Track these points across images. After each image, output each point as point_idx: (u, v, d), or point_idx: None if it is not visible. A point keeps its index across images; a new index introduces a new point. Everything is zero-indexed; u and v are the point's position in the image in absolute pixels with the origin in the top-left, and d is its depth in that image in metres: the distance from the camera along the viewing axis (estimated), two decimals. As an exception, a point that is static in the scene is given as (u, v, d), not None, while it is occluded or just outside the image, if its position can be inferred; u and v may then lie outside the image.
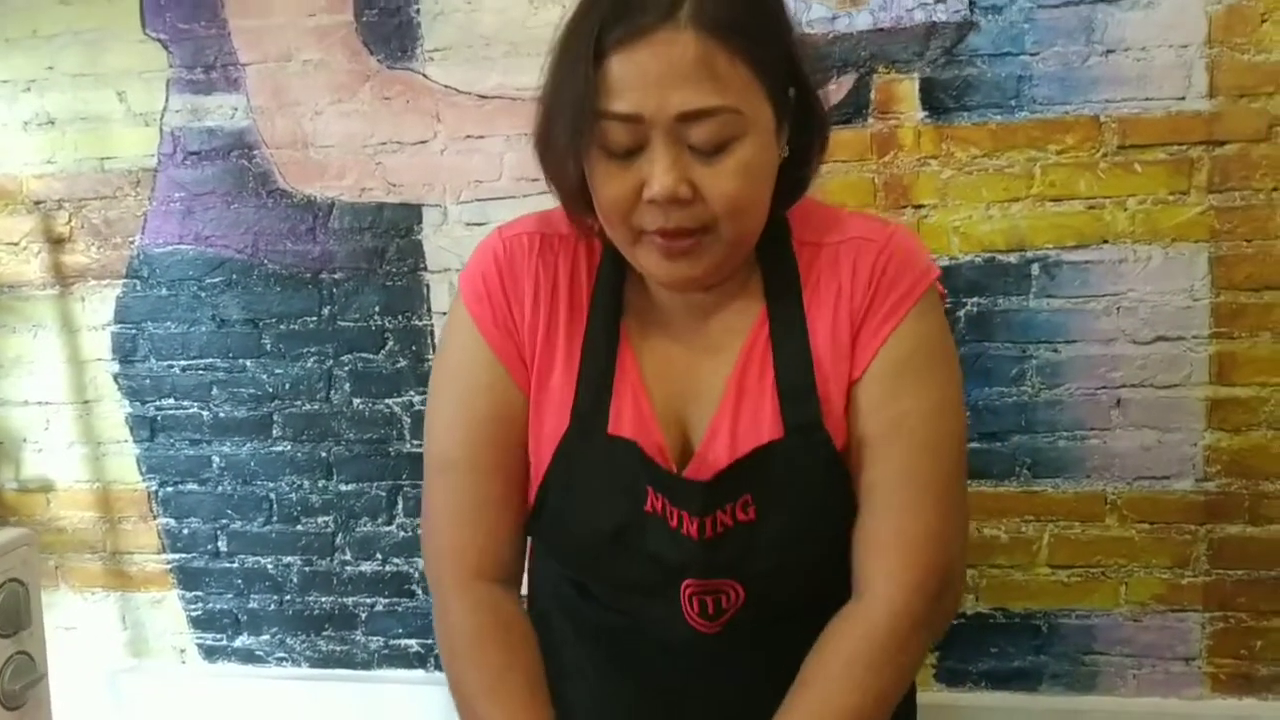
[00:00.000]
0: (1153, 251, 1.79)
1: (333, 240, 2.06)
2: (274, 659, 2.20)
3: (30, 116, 2.13)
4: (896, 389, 0.96)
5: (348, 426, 2.10)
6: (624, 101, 0.86)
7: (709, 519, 0.95)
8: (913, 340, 0.96)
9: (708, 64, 0.85)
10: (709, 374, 0.98)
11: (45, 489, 2.24)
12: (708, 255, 0.91)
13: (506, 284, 1.00)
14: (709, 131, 0.86)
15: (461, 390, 1.02)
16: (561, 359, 0.99)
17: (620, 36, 0.86)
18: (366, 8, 1.98)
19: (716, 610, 0.97)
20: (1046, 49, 1.78)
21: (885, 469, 0.96)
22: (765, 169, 0.91)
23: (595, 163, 0.90)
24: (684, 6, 0.85)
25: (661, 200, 0.87)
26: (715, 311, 1.00)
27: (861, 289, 0.96)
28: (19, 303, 2.19)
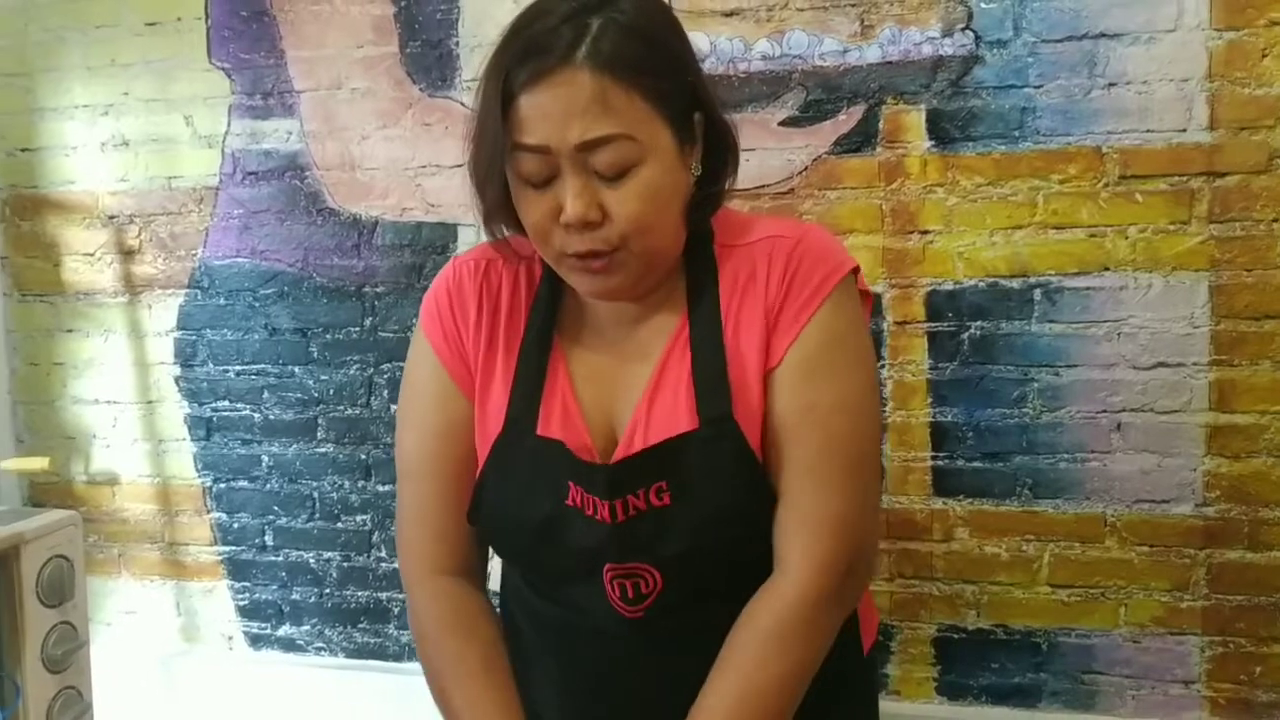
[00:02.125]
0: (1153, 279, 1.83)
1: (376, 256, 2.20)
2: (313, 648, 2.34)
3: (107, 138, 2.32)
4: (808, 379, 1.03)
5: (385, 431, 2.23)
6: (531, 135, 0.96)
7: (619, 502, 1.02)
8: (825, 333, 1.03)
9: (601, 98, 0.95)
10: (634, 376, 1.07)
11: (111, 482, 2.41)
12: (623, 271, 1.01)
13: (455, 305, 1.11)
14: (609, 158, 0.96)
15: (418, 405, 1.13)
16: (500, 370, 1.09)
17: (525, 79, 0.95)
18: (410, 40, 2.13)
19: (637, 595, 1.04)
20: (1050, 82, 1.84)
21: (798, 456, 1.03)
22: (667, 189, 1.00)
23: (517, 190, 1.00)
24: (580, 49, 0.95)
25: (574, 223, 0.97)
26: (642, 319, 1.09)
27: (776, 283, 1.04)
28: (93, 309, 2.38)
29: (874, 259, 1.93)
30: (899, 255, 1.92)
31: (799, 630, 1.02)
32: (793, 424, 1.03)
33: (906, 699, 2.01)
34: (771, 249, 1.06)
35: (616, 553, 1.04)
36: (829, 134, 1.94)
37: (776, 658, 1.01)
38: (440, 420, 1.11)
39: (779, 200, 1.96)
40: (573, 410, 1.07)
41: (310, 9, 2.16)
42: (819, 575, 1.02)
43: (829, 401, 1.03)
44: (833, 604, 1.04)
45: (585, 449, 1.05)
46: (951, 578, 1.97)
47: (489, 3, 2.07)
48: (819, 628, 1.03)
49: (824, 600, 1.03)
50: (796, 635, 1.02)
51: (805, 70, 1.93)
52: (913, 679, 2.01)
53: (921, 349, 1.94)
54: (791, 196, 1.96)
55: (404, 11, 2.12)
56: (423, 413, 1.12)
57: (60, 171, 2.36)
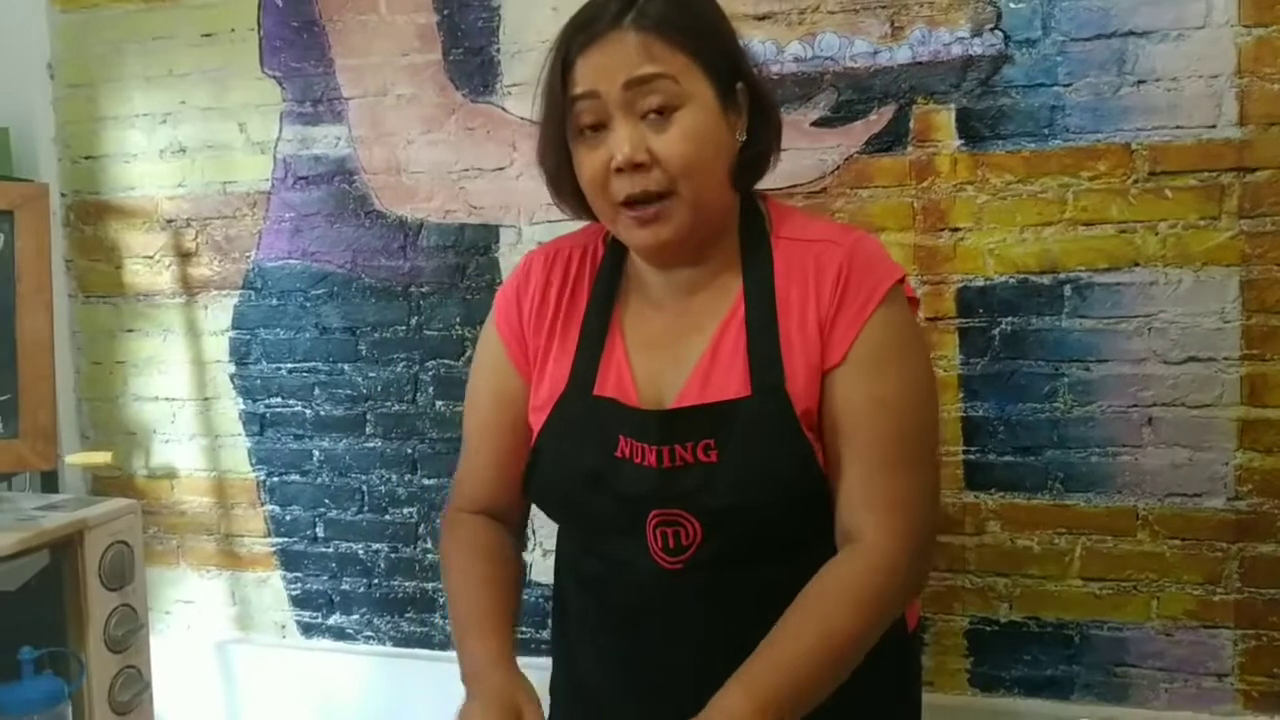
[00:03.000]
0: (1183, 275, 1.84)
1: (421, 257, 2.27)
2: (362, 637, 2.41)
3: (165, 145, 2.41)
4: (874, 374, 1.11)
5: (431, 426, 2.31)
6: (583, 84, 1.11)
7: (666, 449, 1.12)
8: (884, 333, 1.12)
9: (646, 49, 1.09)
10: (688, 345, 1.17)
11: (170, 476, 2.51)
12: (674, 219, 1.11)
13: (520, 294, 1.26)
14: (654, 99, 1.09)
15: (478, 378, 1.30)
16: (559, 343, 1.22)
17: (581, 43, 1.11)
18: (453, 48, 2.19)
19: (678, 545, 1.12)
20: (1079, 80, 1.86)
21: (868, 440, 1.11)
22: (712, 137, 1.12)
23: (576, 150, 1.14)
24: (628, 15, 1.10)
25: (625, 165, 1.09)
26: (697, 291, 1.19)
27: (829, 290, 1.13)
28: (152, 309, 2.47)
29: (905, 256, 1.96)
30: (930, 252, 1.95)
31: (876, 597, 1.09)
32: (859, 413, 1.11)
33: (940, 690, 2.03)
34: (826, 254, 1.15)
35: (660, 498, 1.12)
36: (860, 134, 1.97)
37: (853, 617, 1.08)
38: (496, 392, 1.26)
39: (812, 199, 1.99)
40: (625, 373, 1.17)
41: (358, 19, 2.24)
42: (896, 549, 1.10)
43: (896, 393, 1.12)
44: (905, 578, 1.12)
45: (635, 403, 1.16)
46: (984, 570, 2.00)
47: (529, 10, 2.13)
48: (891, 599, 1.11)
49: (899, 573, 1.11)
50: (873, 602, 1.09)
51: (837, 71, 1.97)
52: (946, 670, 2.03)
53: (953, 345, 1.96)
54: (824, 195, 2.00)
55: (447, 20, 2.19)
56: (481, 380, 1.29)
57: (121, 178, 2.46)
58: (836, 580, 1.10)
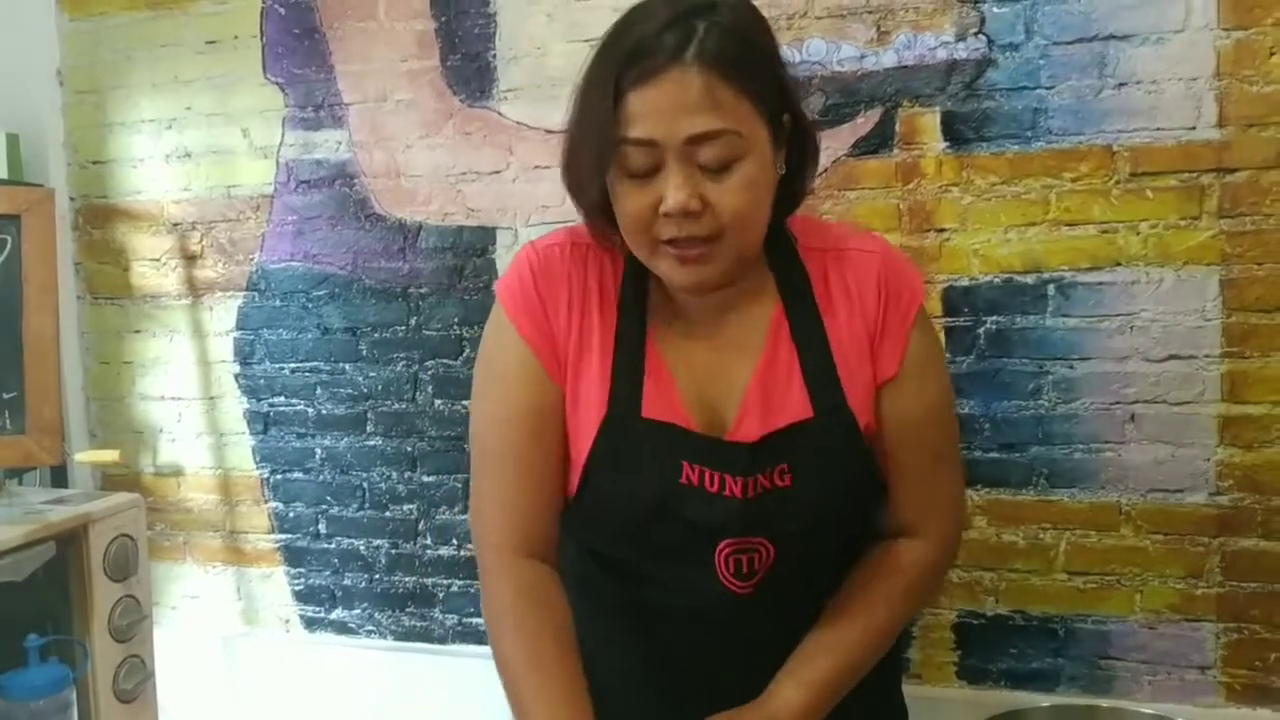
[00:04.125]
0: (1164, 274, 1.88)
1: (420, 259, 2.32)
2: (364, 631, 2.46)
3: (171, 150, 2.47)
4: (924, 384, 1.16)
5: (430, 424, 2.35)
6: (641, 129, 1.01)
7: (751, 480, 1.10)
8: (925, 342, 1.17)
9: (711, 95, 1.01)
10: (734, 365, 1.15)
11: (176, 474, 2.56)
12: (717, 261, 1.07)
13: (542, 289, 1.14)
14: (715, 152, 1.02)
15: (502, 387, 1.15)
16: (596, 354, 1.13)
17: (636, 76, 1.01)
18: (450, 54, 2.24)
19: (750, 570, 1.11)
20: (1061, 83, 1.89)
21: (926, 447, 1.17)
22: (765, 184, 1.07)
23: (618, 184, 1.06)
24: (689, 49, 1.01)
25: (675, 213, 1.03)
26: (731, 310, 1.16)
27: (872, 301, 1.14)
28: (159, 311, 2.53)
29: (892, 256, 1.99)
30: (916, 253, 1.99)
31: (925, 591, 1.21)
32: (920, 423, 1.16)
33: (928, 683, 2.07)
34: (861, 263, 1.16)
35: (740, 528, 1.11)
36: (847, 137, 2.01)
37: (902, 609, 1.18)
38: (525, 401, 1.13)
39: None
40: (674, 395, 1.13)
41: (357, 26, 2.29)
42: (946, 546, 1.20)
43: (942, 395, 1.19)
44: (946, 571, 1.24)
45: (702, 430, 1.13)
46: (971, 565, 2.03)
47: (523, 18, 2.17)
48: (932, 590, 1.26)
49: (944, 567, 1.22)
50: (922, 595, 1.21)
51: (824, 76, 2.01)
52: (934, 663, 2.07)
53: (939, 343, 2.00)
54: (812, 197, 2.00)
55: (445, 27, 2.23)
56: (507, 395, 1.14)
57: (128, 182, 2.51)
58: (891, 576, 1.17)
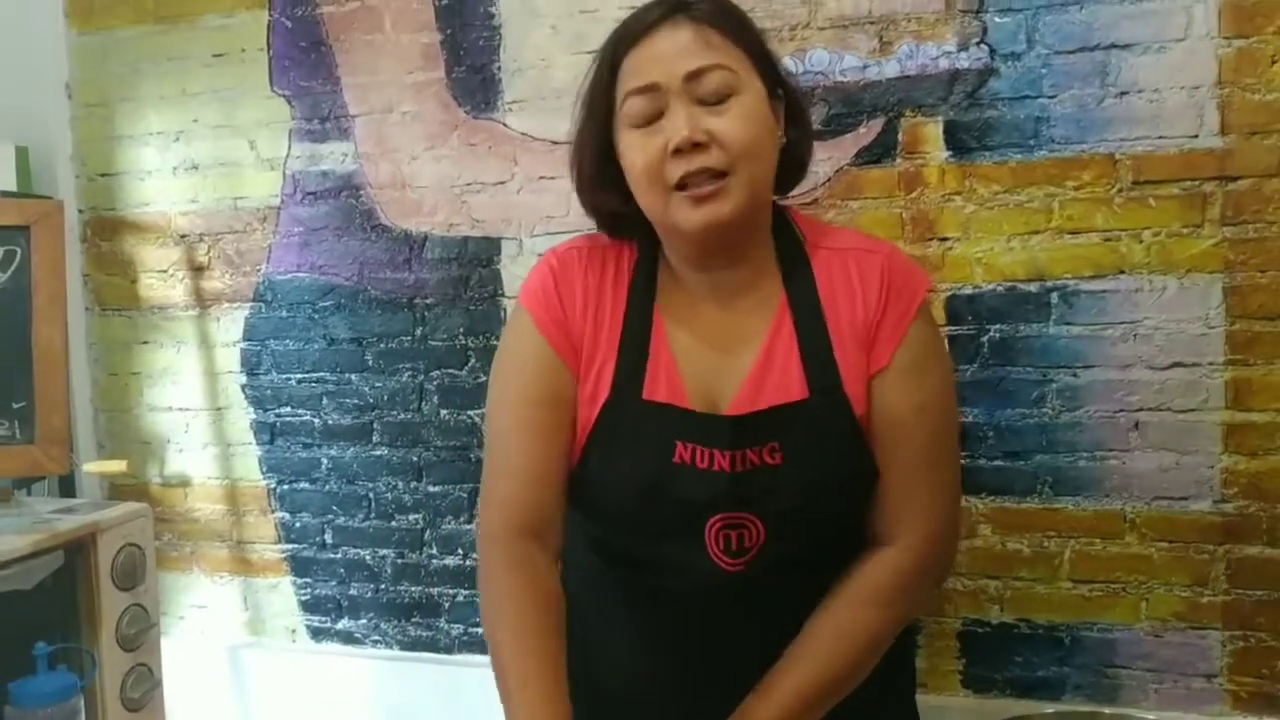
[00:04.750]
0: (1168, 282, 1.88)
1: (425, 269, 2.33)
2: (370, 641, 2.46)
3: (178, 163, 2.48)
4: (916, 381, 1.16)
5: (436, 434, 2.36)
6: (641, 78, 1.11)
7: (739, 454, 1.13)
8: (923, 340, 1.18)
9: (703, 38, 1.11)
10: (737, 351, 1.18)
11: (184, 484, 2.57)
12: (730, 198, 1.12)
13: (561, 289, 1.21)
14: (713, 85, 1.10)
15: (520, 376, 1.22)
16: (605, 342, 1.19)
17: (631, 40, 1.13)
18: (456, 66, 2.25)
19: (740, 547, 1.14)
20: (1063, 92, 1.90)
21: (912, 447, 1.16)
22: (764, 121, 1.14)
23: (626, 140, 1.14)
24: (679, 11, 1.13)
25: (684, 146, 1.09)
26: (739, 296, 1.20)
27: (874, 296, 1.17)
28: (166, 322, 2.54)
29: (895, 265, 2.00)
30: (919, 262, 1.97)
31: (899, 597, 1.16)
32: (907, 420, 1.16)
33: (933, 691, 2.06)
34: (865, 261, 1.19)
35: (729, 502, 1.13)
36: (850, 146, 2.02)
37: (876, 617, 1.15)
38: (541, 390, 1.19)
39: (804, 210, 2.01)
40: (676, 378, 1.17)
41: (363, 39, 2.31)
42: (923, 551, 1.17)
43: (934, 400, 1.18)
44: (931, 574, 1.20)
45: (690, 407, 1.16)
46: (975, 573, 2.03)
47: (528, 29, 2.19)
48: (915, 597, 1.19)
49: (924, 573, 1.18)
50: (897, 601, 1.16)
51: (827, 86, 2.02)
52: (939, 671, 2.06)
53: (942, 352, 2.00)
54: (816, 207, 2.04)
55: (450, 39, 2.25)
56: (524, 383, 1.20)
57: (136, 194, 2.53)
58: (864, 584, 1.16)
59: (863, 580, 1.16)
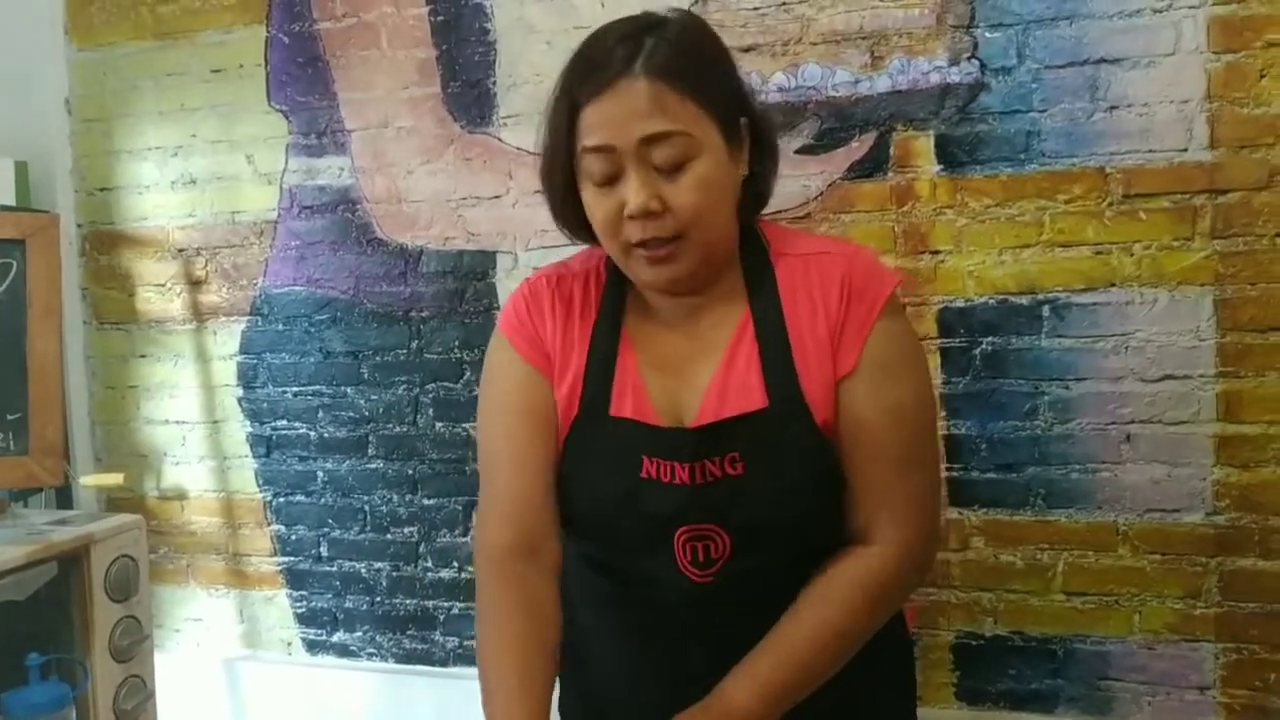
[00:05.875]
0: (1158, 294, 1.89)
1: (421, 283, 2.34)
2: (365, 653, 2.46)
3: (176, 177, 2.50)
4: (885, 381, 1.15)
5: (431, 447, 2.37)
6: (597, 137, 1.10)
7: (698, 466, 1.14)
8: (889, 341, 1.16)
9: (659, 101, 1.08)
10: (700, 364, 1.19)
11: (180, 497, 2.58)
12: (684, 259, 1.13)
13: (532, 313, 1.24)
14: (667, 153, 1.09)
15: (502, 399, 1.23)
16: (574, 361, 1.21)
17: (590, 91, 1.10)
18: (451, 81, 2.27)
19: (707, 559, 1.15)
20: (1053, 106, 1.91)
21: (884, 449, 1.15)
22: (721, 183, 1.13)
23: (586, 193, 1.14)
24: (637, 61, 1.09)
25: (637, 214, 1.10)
26: (704, 312, 1.21)
27: (836, 299, 1.16)
28: (164, 335, 2.55)
29: (888, 278, 2.01)
30: (911, 275, 2.00)
31: (880, 595, 1.16)
32: (878, 422, 1.15)
33: (927, 704, 2.06)
34: (827, 263, 1.18)
35: (692, 514, 1.14)
36: (842, 160, 2.03)
37: (857, 612, 1.15)
38: (521, 403, 1.21)
39: (796, 224, 2.05)
40: (641, 393, 1.18)
41: (360, 54, 2.32)
42: (902, 552, 1.16)
43: (907, 399, 1.17)
44: (909, 576, 1.19)
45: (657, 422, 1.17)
46: (969, 586, 2.03)
47: (523, 46, 2.21)
48: (895, 596, 1.19)
49: (905, 572, 1.17)
50: (878, 598, 1.16)
51: (819, 101, 2.03)
52: (933, 684, 2.06)
53: (935, 364, 2.01)
54: (808, 220, 2.05)
55: (445, 55, 2.27)
56: (504, 400, 1.23)
57: (134, 209, 2.55)
58: (843, 580, 1.15)
59: (847, 576, 1.15)
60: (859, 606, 1.15)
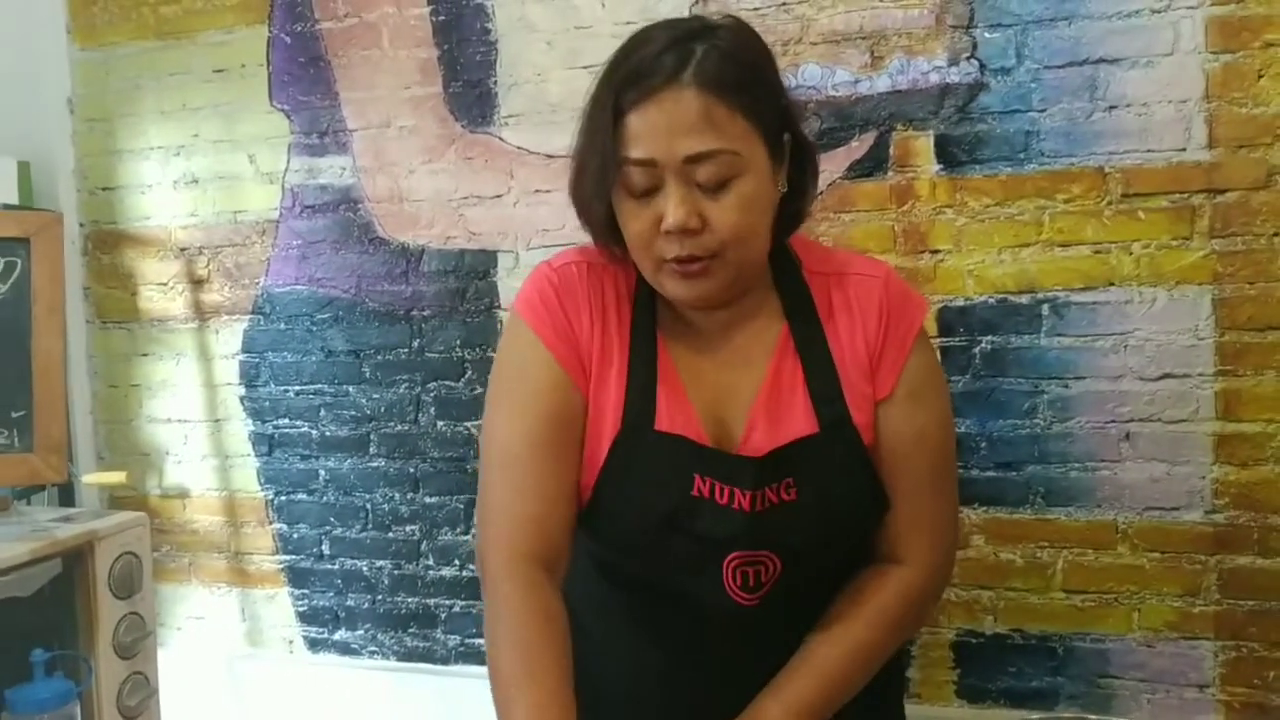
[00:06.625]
0: (1157, 293, 1.90)
1: (422, 282, 2.35)
2: (366, 652, 2.47)
3: (178, 177, 2.51)
4: (917, 407, 1.15)
5: (433, 446, 2.37)
6: (640, 149, 1.05)
7: (759, 494, 1.11)
8: (923, 367, 1.17)
9: (708, 115, 1.03)
10: (742, 380, 1.16)
11: (182, 495, 2.59)
12: (718, 277, 1.09)
13: (565, 303, 1.15)
14: (712, 170, 1.04)
15: (523, 394, 1.14)
16: (615, 367, 1.15)
17: (635, 97, 1.05)
18: (452, 80, 2.28)
19: (756, 583, 1.13)
20: (1053, 106, 1.92)
21: (914, 472, 1.16)
22: (763, 202, 1.09)
23: (621, 203, 1.09)
24: (687, 70, 1.04)
25: (675, 230, 1.05)
26: (738, 327, 1.18)
27: (874, 323, 1.15)
28: (166, 334, 2.56)
29: (888, 277, 2.02)
30: (911, 274, 2.01)
31: (912, 614, 1.18)
32: (909, 446, 1.16)
33: (927, 702, 2.07)
34: (864, 286, 1.17)
35: (748, 541, 1.12)
36: (842, 160, 2.04)
37: (888, 630, 1.16)
38: (548, 408, 1.13)
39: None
40: (687, 408, 1.14)
41: (362, 54, 2.33)
42: (935, 570, 1.19)
43: (934, 424, 1.17)
44: (937, 596, 1.22)
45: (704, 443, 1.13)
46: (969, 584, 2.04)
47: (523, 46, 2.22)
48: (917, 618, 1.21)
49: (934, 592, 1.20)
50: (909, 617, 1.18)
51: (819, 100, 2.04)
52: (933, 682, 2.07)
53: (935, 363, 2.02)
54: (808, 219, 2.05)
55: (447, 55, 2.28)
56: (528, 400, 1.13)
57: (137, 208, 2.56)
58: (874, 599, 1.16)
59: (882, 596, 1.16)
60: (889, 625, 1.16)
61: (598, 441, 1.14)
